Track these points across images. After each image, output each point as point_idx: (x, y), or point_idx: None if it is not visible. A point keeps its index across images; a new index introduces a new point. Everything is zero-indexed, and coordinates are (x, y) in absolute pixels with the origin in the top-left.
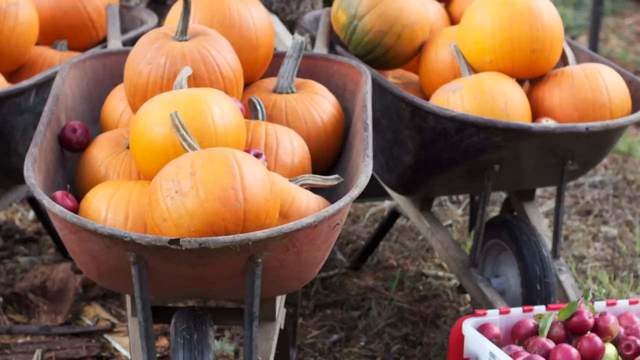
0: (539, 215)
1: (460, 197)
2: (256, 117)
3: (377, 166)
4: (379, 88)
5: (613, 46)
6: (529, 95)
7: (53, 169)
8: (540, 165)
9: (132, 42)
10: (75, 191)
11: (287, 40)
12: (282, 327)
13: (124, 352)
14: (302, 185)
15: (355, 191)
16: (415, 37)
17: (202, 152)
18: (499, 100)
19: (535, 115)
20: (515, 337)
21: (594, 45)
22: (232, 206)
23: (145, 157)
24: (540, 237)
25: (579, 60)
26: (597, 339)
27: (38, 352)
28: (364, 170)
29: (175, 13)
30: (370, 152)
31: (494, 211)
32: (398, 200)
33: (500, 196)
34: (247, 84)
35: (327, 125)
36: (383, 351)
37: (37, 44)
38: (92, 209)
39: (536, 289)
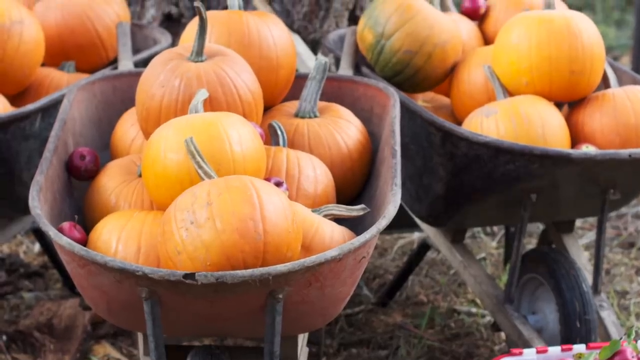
0: (579, 248)
1: (495, 228)
2: (277, 143)
3: (405, 195)
4: (407, 112)
5: None
6: (568, 119)
7: (60, 199)
8: (580, 194)
9: (145, 63)
10: (83, 222)
11: (309, 61)
12: None
13: None
14: (325, 216)
15: (383, 222)
16: (446, 57)
17: (219, 180)
18: (536, 125)
19: (575, 141)
20: None
21: (637, 66)
22: (251, 238)
23: (158, 185)
24: (580, 271)
25: (621, 82)
26: None
27: None
28: (392, 200)
29: (190, 32)
30: (398, 180)
31: (530, 243)
32: (428, 231)
33: (537, 227)
34: (267, 108)
35: (353, 151)
36: None
37: (43, 64)
38: (101, 241)
39: (576, 326)
